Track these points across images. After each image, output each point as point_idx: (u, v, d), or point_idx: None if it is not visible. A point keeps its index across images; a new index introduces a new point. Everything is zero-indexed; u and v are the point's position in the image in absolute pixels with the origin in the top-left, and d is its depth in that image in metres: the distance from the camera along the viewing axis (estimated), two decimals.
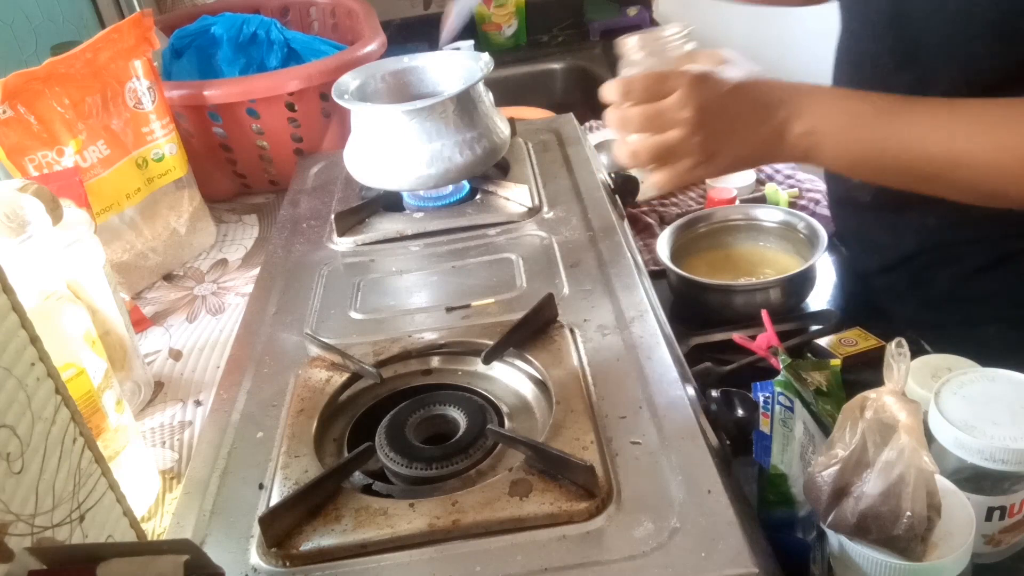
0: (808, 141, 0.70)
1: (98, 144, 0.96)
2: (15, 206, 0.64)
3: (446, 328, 0.69)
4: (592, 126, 1.35)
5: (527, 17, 1.89)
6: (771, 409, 0.56)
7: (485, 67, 0.87)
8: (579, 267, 0.75)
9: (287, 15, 1.42)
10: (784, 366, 0.59)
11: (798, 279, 0.86)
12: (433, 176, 0.85)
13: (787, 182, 1.10)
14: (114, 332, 0.78)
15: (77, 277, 0.74)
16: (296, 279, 0.80)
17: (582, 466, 0.50)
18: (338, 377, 0.64)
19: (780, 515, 0.57)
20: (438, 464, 0.55)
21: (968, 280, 0.85)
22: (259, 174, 1.22)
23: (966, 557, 0.47)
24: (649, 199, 1.11)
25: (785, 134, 0.70)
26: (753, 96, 0.70)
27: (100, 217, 0.95)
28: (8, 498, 0.39)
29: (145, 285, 1.03)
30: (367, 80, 0.92)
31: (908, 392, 0.64)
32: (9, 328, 0.42)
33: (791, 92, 0.71)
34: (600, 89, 0.71)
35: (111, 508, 0.49)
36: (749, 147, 0.71)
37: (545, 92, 1.82)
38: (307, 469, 0.56)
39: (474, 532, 0.50)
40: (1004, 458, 0.53)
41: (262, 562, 0.50)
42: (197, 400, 0.82)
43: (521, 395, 0.63)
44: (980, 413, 0.55)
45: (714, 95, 0.69)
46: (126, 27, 0.99)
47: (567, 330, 0.66)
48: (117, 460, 0.65)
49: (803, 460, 0.57)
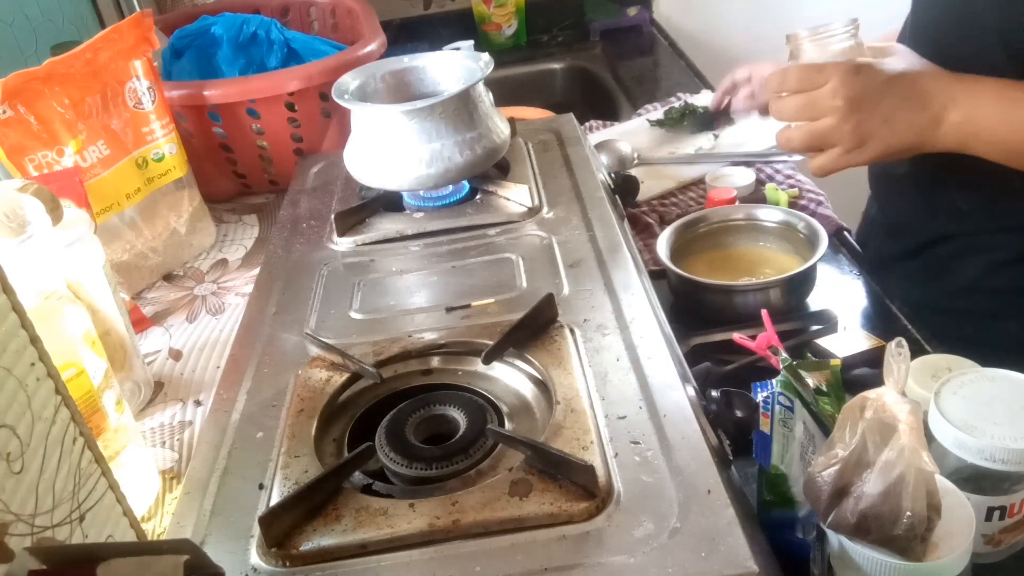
0: (964, 130, 0.73)
1: (98, 144, 0.96)
2: (15, 206, 0.64)
3: (446, 328, 0.69)
4: (592, 126, 1.36)
5: (527, 17, 1.89)
6: (771, 409, 0.56)
7: (485, 67, 0.87)
8: (579, 267, 0.75)
9: (287, 15, 1.42)
10: (784, 366, 0.59)
11: (798, 279, 0.86)
12: (433, 176, 0.85)
13: (787, 182, 1.10)
14: (114, 332, 0.78)
15: (77, 277, 0.74)
16: (296, 279, 0.80)
17: (582, 466, 0.50)
18: (338, 377, 0.64)
19: (780, 515, 0.57)
20: (438, 464, 0.55)
21: (995, 271, 0.86)
22: (259, 174, 1.22)
23: (966, 557, 0.47)
24: (649, 199, 1.12)
25: (941, 123, 0.73)
26: (908, 86, 0.74)
27: (100, 217, 0.95)
28: (8, 498, 0.40)
29: (145, 285, 1.03)
30: (367, 80, 0.92)
31: (908, 392, 0.64)
32: (9, 328, 0.42)
33: (946, 82, 0.74)
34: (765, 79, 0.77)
35: (111, 508, 0.49)
36: (902, 136, 0.74)
37: (545, 92, 1.82)
38: (307, 469, 0.56)
39: (474, 532, 0.50)
40: (1004, 458, 0.53)
41: (262, 562, 0.50)
42: (197, 400, 0.82)
43: (521, 395, 0.63)
44: (980, 413, 0.55)
45: (867, 85, 0.72)
46: (126, 27, 0.99)
47: (567, 330, 0.66)
48: (117, 460, 0.65)
49: (803, 460, 0.57)
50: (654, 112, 1.36)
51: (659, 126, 1.30)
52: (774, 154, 1.15)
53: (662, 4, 1.95)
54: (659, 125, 1.30)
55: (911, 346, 0.48)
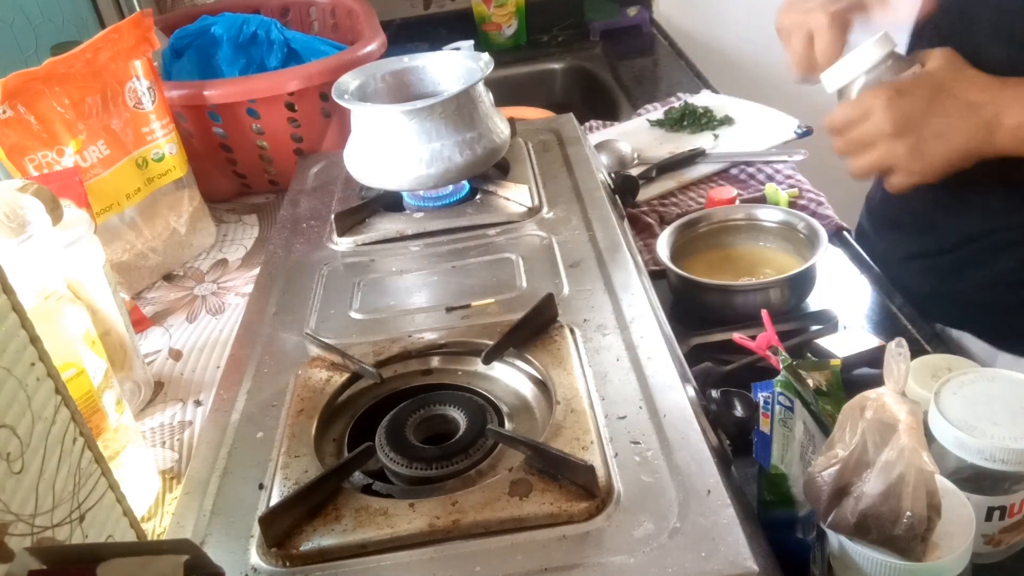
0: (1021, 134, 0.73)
1: (98, 144, 0.96)
2: (15, 206, 0.64)
3: (446, 328, 0.69)
4: (592, 126, 1.36)
5: (527, 17, 1.89)
6: (771, 409, 0.56)
7: (485, 67, 0.87)
8: (579, 267, 0.75)
9: (287, 15, 1.42)
10: (784, 366, 0.59)
11: (798, 279, 0.86)
12: (433, 176, 0.85)
13: (787, 182, 1.10)
14: (114, 332, 0.78)
15: (77, 277, 0.74)
16: (296, 279, 0.80)
17: (582, 466, 0.50)
18: (338, 377, 0.64)
19: (780, 515, 0.57)
20: (438, 464, 0.55)
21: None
22: (259, 174, 1.22)
23: (966, 557, 0.47)
24: (649, 199, 1.11)
25: (997, 130, 0.74)
26: (954, 98, 0.74)
27: (100, 217, 0.95)
28: (8, 498, 0.40)
29: (145, 285, 1.03)
30: (367, 80, 0.92)
31: (908, 392, 0.64)
32: (9, 328, 0.42)
33: (994, 89, 0.75)
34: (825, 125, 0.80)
35: (111, 508, 0.49)
36: (959, 146, 0.75)
37: (545, 92, 1.82)
38: (307, 469, 0.56)
39: (474, 532, 0.50)
40: (1004, 458, 0.53)
41: (262, 562, 0.50)
42: (197, 400, 0.82)
43: (521, 395, 0.63)
44: (980, 413, 0.55)
45: (913, 106, 0.74)
46: (126, 27, 0.99)
47: (567, 330, 0.66)
48: (117, 460, 0.65)
49: (803, 460, 0.57)
50: (654, 112, 1.36)
51: (659, 126, 1.30)
52: (774, 154, 1.15)
53: (662, 4, 1.95)
54: (659, 125, 1.30)
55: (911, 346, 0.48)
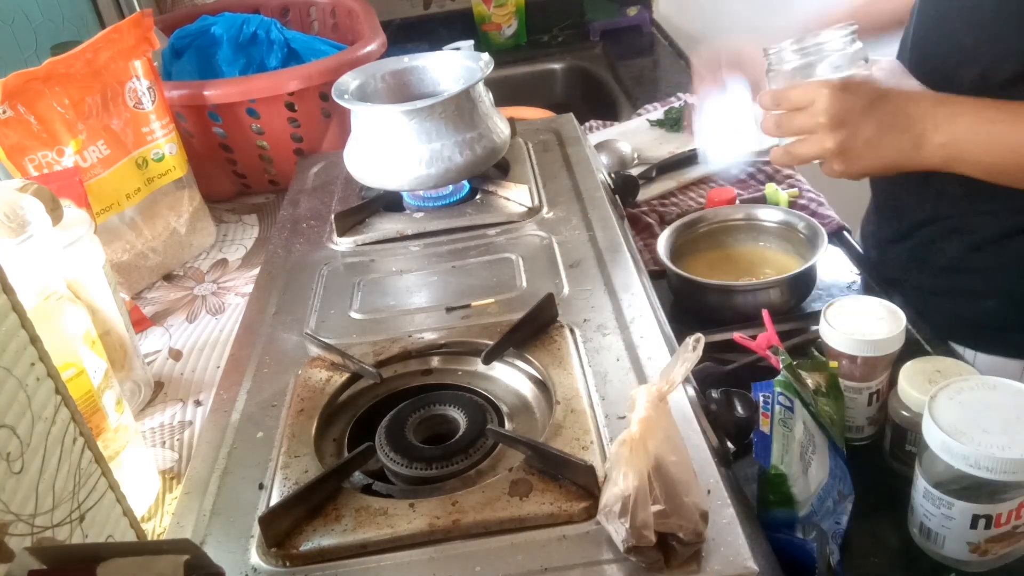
0: (946, 152, 0.75)
1: (98, 144, 0.96)
2: (15, 206, 0.64)
3: (446, 328, 0.69)
4: (592, 126, 1.36)
5: (527, 17, 1.89)
6: (771, 409, 0.56)
7: (485, 67, 0.87)
8: (579, 267, 0.75)
9: (287, 15, 1.42)
10: (784, 366, 0.59)
11: (798, 279, 0.86)
12: (433, 176, 0.85)
13: (787, 182, 1.10)
14: (114, 332, 0.78)
15: (77, 277, 0.74)
16: (296, 279, 0.80)
17: (582, 466, 0.50)
18: (338, 377, 0.64)
19: (780, 515, 0.57)
20: (438, 464, 0.55)
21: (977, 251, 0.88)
22: (259, 174, 1.22)
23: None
24: (649, 199, 1.11)
25: (923, 146, 0.75)
26: (891, 108, 0.75)
27: (100, 217, 0.95)
28: (8, 498, 0.40)
29: (145, 285, 1.03)
30: (367, 80, 0.92)
31: (903, 395, 0.64)
32: (9, 328, 0.42)
33: (928, 104, 0.76)
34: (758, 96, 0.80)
35: (111, 508, 0.49)
36: (885, 157, 0.76)
37: (545, 92, 1.82)
38: (307, 469, 0.56)
39: (474, 532, 0.50)
40: (989, 466, 0.52)
41: (262, 562, 0.50)
42: (197, 400, 0.82)
43: (521, 395, 0.63)
44: (973, 420, 0.54)
45: (852, 105, 0.75)
46: (126, 27, 0.99)
47: (567, 330, 0.66)
48: (117, 460, 0.65)
49: (803, 460, 0.57)
50: (654, 112, 1.36)
51: (659, 126, 1.30)
52: None
53: (662, 4, 1.95)
54: (659, 125, 1.30)
55: (912, 346, 0.48)
